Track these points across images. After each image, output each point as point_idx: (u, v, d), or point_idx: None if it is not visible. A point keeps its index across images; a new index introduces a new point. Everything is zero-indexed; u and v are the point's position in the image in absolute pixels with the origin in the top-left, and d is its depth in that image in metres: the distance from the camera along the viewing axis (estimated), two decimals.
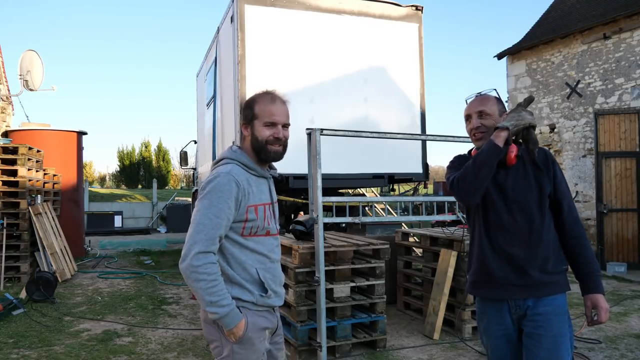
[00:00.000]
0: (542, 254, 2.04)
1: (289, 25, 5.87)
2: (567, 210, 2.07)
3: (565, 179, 2.14)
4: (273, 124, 1.92)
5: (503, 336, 2.12)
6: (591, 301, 2.04)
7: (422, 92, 6.53)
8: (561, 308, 2.04)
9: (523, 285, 2.05)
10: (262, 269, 1.92)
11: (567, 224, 2.07)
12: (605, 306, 2.02)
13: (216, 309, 1.77)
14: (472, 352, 4.19)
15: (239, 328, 1.82)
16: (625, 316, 5.30)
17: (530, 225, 2.04)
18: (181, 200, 18.83)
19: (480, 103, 2.13)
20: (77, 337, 4.57)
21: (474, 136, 2.15)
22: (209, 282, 1.76)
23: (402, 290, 5.54)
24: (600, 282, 2.06)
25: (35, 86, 10.18)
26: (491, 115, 2.10)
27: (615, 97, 9.51)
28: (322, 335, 3.75)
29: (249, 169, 1.92)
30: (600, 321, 2.03)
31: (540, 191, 2.06)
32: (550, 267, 2.04)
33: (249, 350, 1.87)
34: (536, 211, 2.05)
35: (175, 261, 9.17)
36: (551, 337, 1.99)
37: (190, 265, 1.75)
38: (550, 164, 2.09)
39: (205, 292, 1.76)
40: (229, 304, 1.79)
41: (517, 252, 2.05)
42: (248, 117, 1.95)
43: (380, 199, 5.97)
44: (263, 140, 1.91)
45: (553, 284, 2.04)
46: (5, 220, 6.92)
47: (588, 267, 2.06)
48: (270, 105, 1.93)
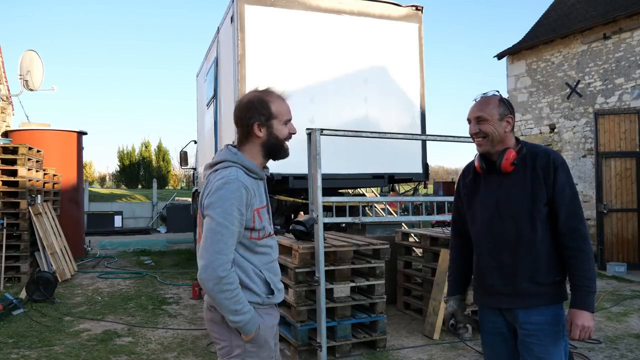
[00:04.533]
0: (532, 264, 1.99)
1: (289, 25, 5.87)
2: (563, 219, 1.97)
3: (571, 185, 2.01)
4: (289, 120, 1.96)
5: (498, 334, 2.14)
6: (570, 316, 1.96)
7: (422, 92, 6.52)
8: (554, 318, 1.99)
9: (511, 294, 2.03)
10: (265, 269, 1.92)
11: (561, 234, 1.98)
12: (581, 323, 1.91)
13: (241, 317, 1.78)
14: (472, 352, 4.19)
15: (256, 331, 1.85)
16: (625, 316, 5.30)
17: (518, 235, 2.01)
18: (181, 201, 18.83)
19: (478, 108, 2.07)
20: (77, 337, 4.57)
21: (474, 141, 2.11)
22: (233, 291, 1.76)
23: (402, 290, 5.54)
24: (584, 298, 1.93)
25: (35, 86, 10.18)
26: (489, 120, 2.03)
27: (615, 97, 9.51)
28: (322, 335, 3.75)
29: (251, 172, 1.89)
30: (572, 338, 1.94)
31: (533, 201, 1.99)
32: (542, 278, 1.99)
33: (261, 347, 1.89)
34: (526, 221, 1.99)
35: (175, 261, 9.17)
36: (543, 346, 1.97)
37: (217, 276, 1.73)
38: (552, 170, 1.98)
39: (230, 301, 1.76)
40: (249, 310, 1.81)
41: (505, 260, 2.04)
42: (265, 116, 1.90)
43: (381, 199, 5.97)
44: (283, 139, 1.93)
45: (544, 295, 2.00)
46: (5, 220, 6.92)
47: (576, 279, 1.96)
48: (284, 103, 1.95)
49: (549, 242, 2.00)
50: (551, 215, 2.00)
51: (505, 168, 2.03)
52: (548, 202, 1.99)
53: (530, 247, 2.00)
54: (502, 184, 2.06)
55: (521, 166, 2.04)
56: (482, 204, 2.12)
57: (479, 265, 2.15)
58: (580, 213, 1.99)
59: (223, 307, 1.78)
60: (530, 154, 2.05)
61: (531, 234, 1.99)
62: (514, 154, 2.02)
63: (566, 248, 1.98)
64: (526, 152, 2.05)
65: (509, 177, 2.05)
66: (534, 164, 2.02)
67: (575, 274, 1.96)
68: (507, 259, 2.03)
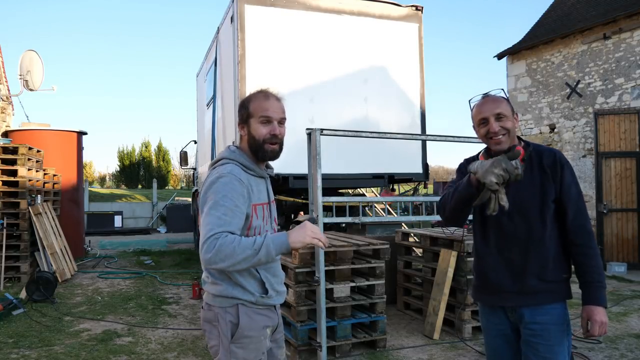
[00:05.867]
0: (541, 261, 2.00)
1: (288, 25, 5.87)
2: (571, 216, 1.99)
3: (576, 184, 2.03)
4: (268, 120, 1.90)
5: (501, 335, 2.13)
6: (586, 313, 1.97)
7: (422, 92, 6.52)
8: (560, 317, 1.99)
9: (517, 292, 2.02)
10: (262, 269, 1.91)
11: (570, 231, 2.00)
12: (599, 319, 1.93)
13: (263, 253, 1.69)
14: (472, 352, 4.19)
15: (299, 238, 1.73)
16: (625, 316, 5.30)
17: (529, 231, 2.01)
18: (181, 200, 18.84)
19: (496, 105, 2.02)
20: (77, 337, 4.57)
21: (492, 140, 2.01)
22: (230, 245, 1.66)
23: (402, 290, 5.54)
24: (599, 294, 1.95)
25: (35, 86, 10.18)
26: (508, 117, 2.00)
27: (615, 97, 9.51)
28: (322, 335, 3.75)
29: (248, 169, 1.91)
30: (592, 334, 1.94)
31: (542, 197, 2.00)
32: (550, 276, 2.00)
33: (246, 349, 1.86)
34: (537, 217, 2.00)
35: (175, 261, 9.18)
36: (548, 346, 1.97)
37: (210, 246, 1.66)
38: (559, 168, 2.00)
39: (240, 255, 1.66)
40: (260, 241, 1.70)
41: (514, 258, 2.03)
42: (244, 116, 1.94)
43: (381, 199, 5.96)
44: (260, 139, 1.90)
45: (551, 293, 2.00)
46: (5, 220, 6.92)
47: (587, 276, 1.97)
48: (264, 101, 1.92)
49: (557, 239, 2.02)
50: (558, 212, 2.02)
51: None
52: (556, 199, 2.01)
53: (539, 243, 2.00)
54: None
55: (528, 164, 2.04)
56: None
57: (483, 263, 2.14)
58: (585, 211, 2.03)
59: (242, 264, 1.69)
60: (535, 152, 2.06)
61: (541, 231, 2.00)
62: (523, 152, 2.02)
63: (574, 245, 2.00)
64: (532, 151, 2.06)
65: None
66: (541, 162, 2.03)
67: (586, 270, 1.98)
68: (516, 256, 2.03)
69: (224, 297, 1.87)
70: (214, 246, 1.66)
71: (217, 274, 1.88)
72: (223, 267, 1.70)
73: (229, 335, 1.85)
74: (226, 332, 1.85)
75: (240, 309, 1.86)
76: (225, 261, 1.67)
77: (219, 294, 1.87)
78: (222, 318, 1.86)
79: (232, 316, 1.86)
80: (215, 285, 1.89)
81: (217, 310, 1.87)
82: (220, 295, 1.87)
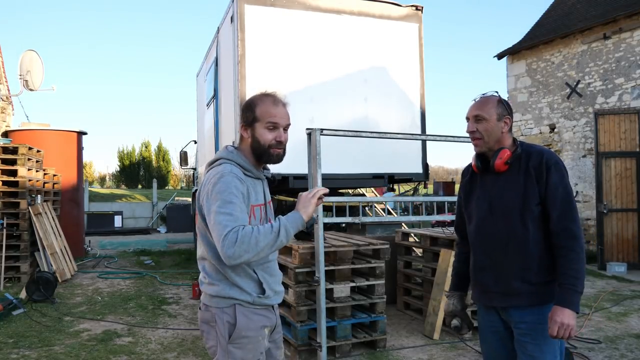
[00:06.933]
0: (523, 263, 2.01)
1: (288, 25, 5.87)
2: (554, 219, 1.97)
3: (564, 185, 2.00)
4: (275, 126, 1.90)
5: (495, 333, 2.16)
6: (550, 312, 1.94)
7: (422, 92, 6.52)
8: (546, 318, 1.97)
9: (502, 293, 2.05)
10: (260, 269, 1.91)
11: (553, 233, 1.98)
12: (560, 320, 1.88)
13: (282, 235, 1.73)
14: (472, 352, 4.19)
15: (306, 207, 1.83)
16: (625, 316, 5.30)
17: (510, 232, 2.03)
18: (181, 201, 18.83)
19: (477, 107, 2.09)
20: (77, 337, 4.57)
21: (471, 140, 2.13)
22: (254, 236, 1.68)
23: (402, 290, 5.54)
24: (567, 295, 1.91)
25: (35, 86, 10.18)
26: (487, 120, 2.06)
27: (615, 97, 9.51)
28: (322, 335, 3.75)
29: (245, 170, 1.91)
30: (551, 334, 1.90)
31: (524, 199, 2.01)
32: (534, 278, 2.00)
33: (244, 349, 1.85)
34: (519, 220, 2.01)
35: (175, 261, 9.18)
36: (536, 345, 1.98)
37: (230, 239, 1.66)
38: (544, 170, 1.99)
39: (261, 243, 1.69)
40: (277, 224, 1.75)
41: (497, 259, 2.06)
42: (249, 119, 1.92)
43: (380, 199, 5.96)
44: (265, 144, 1.90)
45: (537, 294, 2.01)
46: (5, 220, 6.92)
47: (562, 278, 1.94)
48: (272, 107, 1.91)
49: (542, 242, 2.01)
50: (544, 215, 2.01)
51: (499, 167, 2.05)
52: (541, 201, 2.00)
53: (521, 246, 2.01)
54: (496, 183, 2.10)
55: (515, 166, 2.06)
56: (477, 203, 2.16)
57: (474, 263, 2.19)
58: (572, 213, 1.98)
59: (265, 250, 1.71)
60: (525, 154, 2.07)
61: (522, 233, 2.01)
62: (508, 154, 2.04)
63: (557, 247, 1.98)
64: (521, 152, 2.07)
65: (503, 176, 2.08)
66: (527, 164, 2.04)
67: (562, 272, 1.95)
68: (498, 257, 2.06)
69: (221, 298, 1.86)
70: (235, 240, 1.66)
71: (214, 274, 1.88)
72: (247, 259, 1.69)
73: (226, 335, 1.85)
74: (224, 332, 1.85)
75: (237, 309, 1.86)
76: (249, 252, 1.67)
77: (216, 295, 1.87)
78: (220, 318, 1.86)
79: (230, 316, 1.85)
80: (212, 285, 1.88)
81: (214, 310, 1.87)
82: (217, 296, 1.87)
